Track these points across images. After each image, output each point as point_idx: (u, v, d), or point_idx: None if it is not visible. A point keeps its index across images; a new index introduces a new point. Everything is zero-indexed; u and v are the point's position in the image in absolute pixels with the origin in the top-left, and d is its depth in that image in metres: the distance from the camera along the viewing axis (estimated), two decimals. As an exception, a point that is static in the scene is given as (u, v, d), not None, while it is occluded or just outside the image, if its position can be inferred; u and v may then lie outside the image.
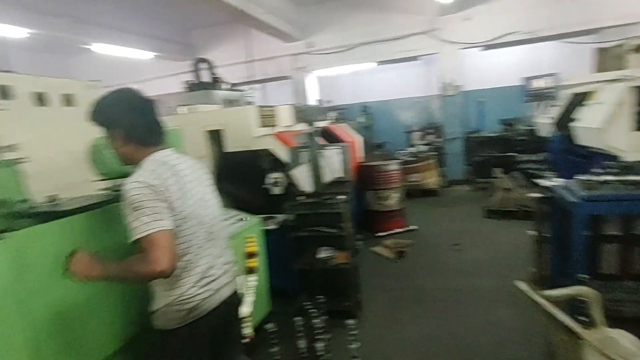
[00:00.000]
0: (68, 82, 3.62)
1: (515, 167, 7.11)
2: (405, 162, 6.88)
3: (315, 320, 2.37)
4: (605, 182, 2.68)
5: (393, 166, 5.38)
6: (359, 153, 5.81)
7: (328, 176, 3.18)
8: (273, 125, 3.92)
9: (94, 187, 2.73)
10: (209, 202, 1.62)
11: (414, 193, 7.04)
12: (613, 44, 6.01)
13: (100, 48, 7.22)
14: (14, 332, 1.35)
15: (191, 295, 1.46)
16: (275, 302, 3.06)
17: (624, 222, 3.18)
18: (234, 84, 6.35)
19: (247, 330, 2.33)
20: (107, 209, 1.87)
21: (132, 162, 1.51)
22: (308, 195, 3.21)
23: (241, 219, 2.58)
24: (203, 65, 6.07)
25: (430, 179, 7.31)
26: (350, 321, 2.46)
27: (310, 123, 3.08)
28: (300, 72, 8.80)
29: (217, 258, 1.58)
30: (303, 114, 4.46)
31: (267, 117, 3.89)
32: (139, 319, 1.85)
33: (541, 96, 7.23)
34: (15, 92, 3.14)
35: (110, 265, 1.41)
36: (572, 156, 5.07)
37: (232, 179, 3.65)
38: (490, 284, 3.62)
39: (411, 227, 5.47)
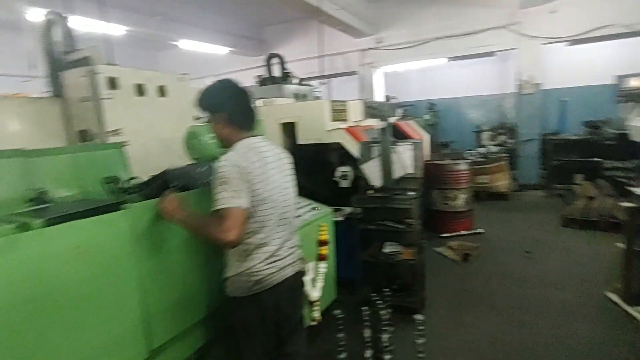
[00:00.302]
0: (162, 74, 4.02)
1: (600, 174, 6.49)
2: (474, 163, 6.60)
3: (381, 312, 2.41)
4: None
5: (462, 166, 5.21)
6: (426, 151, 5.70)
7: (398, 172, 3.19)
8: (344, 120, 4.00)
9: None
10: (287, 189, 1.77)
11: (482, 195, 6.73)
12: None
13: (185, 44, 7.83)
14: (130, 286, 1.58)
15: (259, 270, 1.64)
16: (340, 291, 3.15)
17: None
18: (302, 79, 6.54)
19: (316, 313, 2.45)
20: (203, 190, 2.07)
21: (228, 144, 1.71)
22: (377, 189, 3.25)
23: (314, 208, 2.70)
24: (274, 61, 6.34)
25: (501, 181, 6.93)
26: (419, 316, 2.48)
27: (383, 118, 3.10)
28: (368, 68, 8.78)
29: (286, 241, 1.74)
30: (373, 109, 4.48)
31: (339, 112, 3.97)
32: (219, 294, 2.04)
33: (637, 96, 6.49)
34: (120, 83, 3.56)
35: (192, 216, 1.65)
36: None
37: (302, 170, 3.77)
38: (565, 296, 3.39)
39: (478, 230, 5.26)
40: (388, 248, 3.36)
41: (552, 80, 7.68)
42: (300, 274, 1.88)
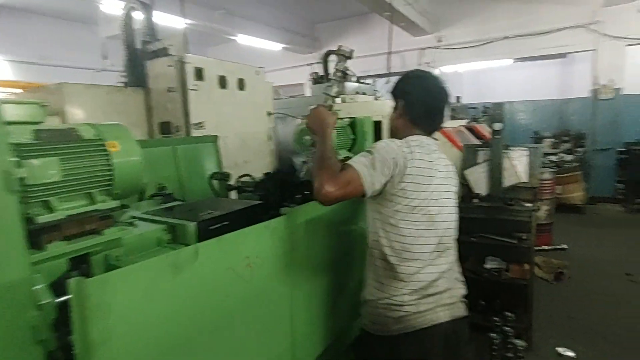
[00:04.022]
0: (243, 67, 3.84)
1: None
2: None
3: (516, 341, 2.10)
4: None
5: (546, 175, 4.77)
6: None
7: (509, 180, 2.86)
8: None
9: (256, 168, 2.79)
10: (448, 207, 1.42)
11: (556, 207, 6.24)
12: None
13: (243, 39, 7.73)
14: (285, 304, 1.36)
15: (402, 303, 1.31)
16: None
17: None
18: (359, 77, 6.26)
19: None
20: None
21: (396, 135, 1.47)
22: (482, 198, 2.93)
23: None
24: (331, 58, 6.10)
25: (575, 193, 6.40)
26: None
27: (497, 120, 2.78)
28: (426, 68, 8.39)
29: (444, 272, 1.37)
30: (453, 110, 4.16)
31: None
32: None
33: None
34: (205, 74, 3.40)
35: (328, 143, 1.37)
36: None
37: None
38: None
39: (561, 246, 4.81)
40: (490, 264, 3.03)
41: (634, 85, 7.04)
42: (463, 321, 1.43)
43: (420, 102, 1.44)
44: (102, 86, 3.31)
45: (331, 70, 6.37)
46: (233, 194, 2.29)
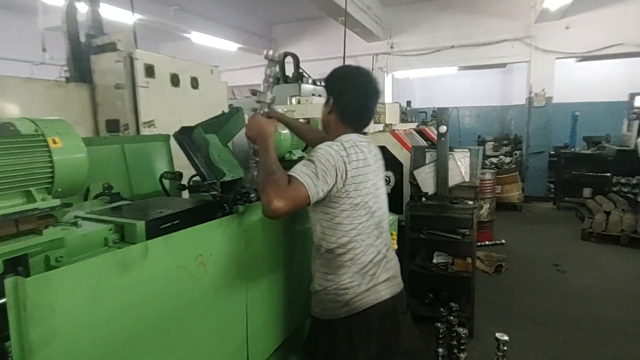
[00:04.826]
0: (196, 65, 3.76)
1: (607, 189, 6.57)
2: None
3: (459, 329, 2.25)
4: None
5: (488, 175, 5.14)
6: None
7: (453, 180, 3.05)
8: (383, 123, 3.85)
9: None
10: (382, 195, 1.56)
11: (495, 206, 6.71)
12: None
13: (197, 37, 7.51)
14: (240, 301, 1.36)
15: (348, 287, 1.41)
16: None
17: None
18: (314, 80, 6.37)
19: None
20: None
21: (327, 132, 1.57)
22: (430, 197, 3.10)
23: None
24: (288, 60, 6.15)
25: (513, 192, 6.93)
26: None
27: (442, 123, 2.96)
28: (380, 73, 8.68)
29: (382, 253, 1.50)
30: (403, 114, 4.36)
31: (379, 114, 3.83)
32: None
33: (648, 115, 6.63)
34: (156, 71, 3.29)
35: (271, 155, 1.35)
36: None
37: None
38: (616, 313, 3.32)
39: (500, 241, 5.20)
40: (437, 258, 3.22)
41: (562, 95, 7.77)
42: (401, 294, 1.56)
43: (351, 102, 1.48)
44: (42, 80, 3.09)
45: (288, 72, 6.38)
46: (185, 194, 2.25)
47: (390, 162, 3.47)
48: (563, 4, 6.14)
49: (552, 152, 7.62)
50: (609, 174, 6.69)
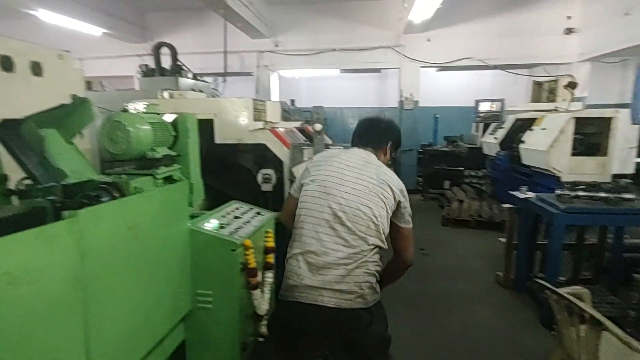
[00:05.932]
0: (38, 48, 3.16)
1: (461, 181, 7.76)
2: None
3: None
4: (577, 197, 3.06)
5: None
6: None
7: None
8: (263, 120, 3.81)
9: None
10: (351, 189, 1.61)
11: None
12: (547, 78, 6.90)
13: (46, 15, 6.35)
14: (75, 325, 1.15)
15: (292, 271, 1.60)
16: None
17: (579, 232, 3.65)
18: (195, 74, 6.03)
19: (263, 328, 2.24)
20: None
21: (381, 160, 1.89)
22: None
23: (258, 213, 2.46)
24: (164, 51, 5.67)
25: (388, 186, 7.62)
26: None
27: (317, 121, 3.06)
28: (265, 70, 8.65)
29: (327, 249, 1.55)
30: (286, 112, 4.41)
31: (259, 112, 3.77)
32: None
33: (488, 118, 8.01)
34: (-24, 51, 2.66)
35: None
36: (514, 173, 5.71)
37: (220, 172, 3.47)
38: (464, 287, 3.90)
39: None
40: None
41: (426, 99, 8.87)
42: (355, 312, 1.57)
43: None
44: None
45: (165, 64, 5.85)
46: (15, 200, 1.86)
47: (272, 160, 3.46)
48: (425, 18, 6.99)
49: (420, 150, 8.64)
50: (462, 168, 7.89)
